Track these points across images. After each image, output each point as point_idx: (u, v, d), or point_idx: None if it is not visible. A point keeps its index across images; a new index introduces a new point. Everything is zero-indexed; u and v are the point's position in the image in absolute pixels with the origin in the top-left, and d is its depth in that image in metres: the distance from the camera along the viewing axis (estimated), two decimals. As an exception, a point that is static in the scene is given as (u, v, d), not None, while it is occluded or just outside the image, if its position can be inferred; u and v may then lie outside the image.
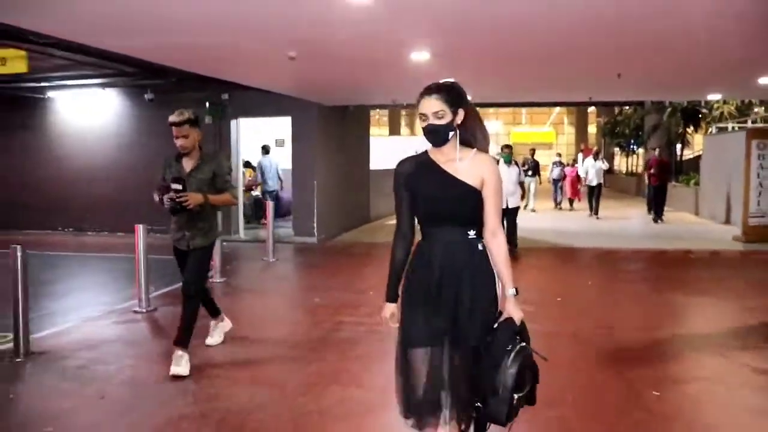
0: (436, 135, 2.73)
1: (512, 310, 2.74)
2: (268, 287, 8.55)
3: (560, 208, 19.73)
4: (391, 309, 2.88)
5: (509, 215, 10.17)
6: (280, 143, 15.67)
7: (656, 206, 15.71)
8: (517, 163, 10.72)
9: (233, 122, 12.18)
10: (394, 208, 2.87)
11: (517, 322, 2.71)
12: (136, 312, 6.60)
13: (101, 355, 5.30)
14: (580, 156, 22.27)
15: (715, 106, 20.35)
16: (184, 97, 11.32)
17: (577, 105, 32.96)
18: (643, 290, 8.02)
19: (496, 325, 2.72)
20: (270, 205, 10.33)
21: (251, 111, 12.08)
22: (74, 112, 13.03)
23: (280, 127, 13.74)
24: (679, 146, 24.62)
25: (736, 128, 16.69)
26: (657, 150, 17.62)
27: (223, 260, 8.57)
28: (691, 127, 23.67)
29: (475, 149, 2.79)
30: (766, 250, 10.83)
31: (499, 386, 2.60)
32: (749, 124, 15.93)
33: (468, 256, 2.74)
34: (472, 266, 2.74)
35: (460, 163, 2.75)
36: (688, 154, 26.05)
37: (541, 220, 16.24)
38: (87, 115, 12.91)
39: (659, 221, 15.46)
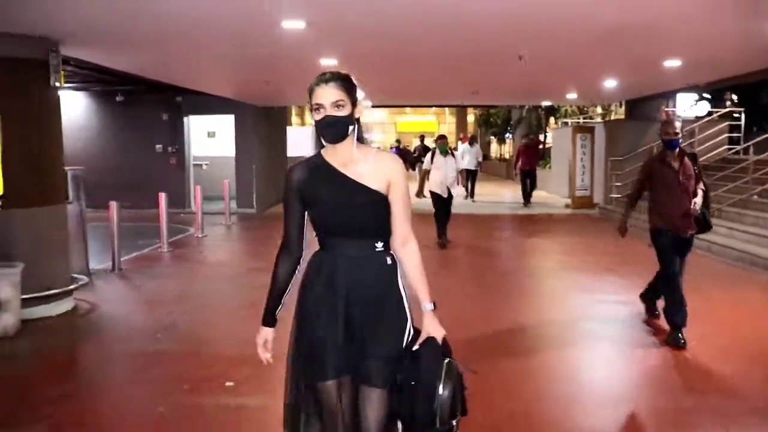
0: (335, 129, 2.39)
1: (432, 327, 2.50)
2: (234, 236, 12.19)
3: None
4: (267, 335, 2.56)
5: (447, 205, 10.48)
6: (211, 135, 18.94)
7: (525, 190, 17.30)
8: (452, 153, 10.72)
9: (185, 119, 15.48)
10: (283, 219, 2.55)
11: (439, 340, 2.48)
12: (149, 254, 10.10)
13: (157, 269, 8.82)
14: (460, 144, 25.15)
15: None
16: (146, 98, 14.53)
17: (457, 107, 37.70)
18: (503, 234, 12.37)
19: (416, 347, 2.47)
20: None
21: (200, 110, 15.41)
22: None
23: (214, 121, 17.24)
24: (541, 137, 29.86)
25: (570, 123, 21.71)
26: (527, 138, 19.60)
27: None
28: (552, 120, 28.92)
29: (375, 148, 2.58)
30: (585, 213, 15.63)
31: (437, 419, 2.37)
32: (575, 120, 20.95)
33: (375, 273, 2.47)
34: (380, 285, 2.47)
35: (361, 165, 2.45)
36: (549, 143, 31.46)
37: (424, 203, 20.36)
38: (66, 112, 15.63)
39: (527, 204, 17.02)
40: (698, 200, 5.50)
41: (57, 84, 6.49)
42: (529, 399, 4.46)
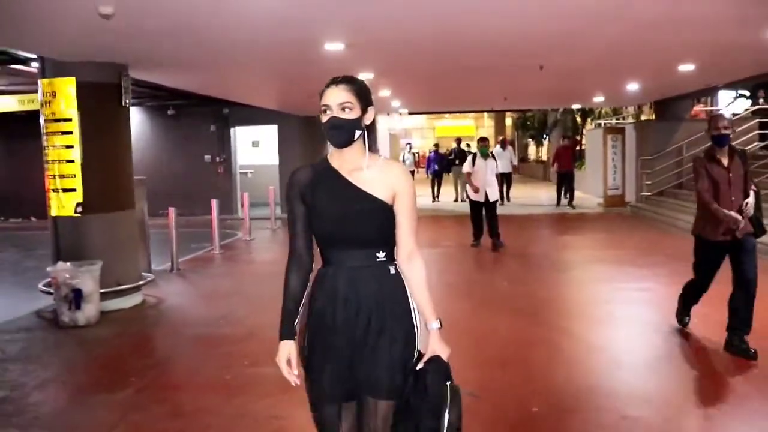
0: (341, 131, 2.29)
1: (438, 346, 2.35)
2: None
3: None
4: (289, 349, 2.36)
5: (490, 209, 10.49)
6: (255, 144, 19.99)
7: (566, 192, 17.27)
8: (493, 156, 10.82)
9: (232, 130, 16.51)
10: (288, 226, 2.45)
11: (445, 359, 2.34)
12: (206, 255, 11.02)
13: (211, 269, 9.72)
14: (498, 147, 26.38)
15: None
16: (195, 111, 15.60)
17: (490, 111, 38.16)
18: (536, 232, 13.02)
19: (420, 366, 2.32)
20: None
21: (246, 121, 16.42)
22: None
23: (258, 132, 18.28)
24: (577, 138, 30.25)
25: (603, 124, 22.15)
26: (565, 140, 19.57)
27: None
28: (588, 122, 29.31)
29: (383, 156, 2.42)
30: (617, 211, 16.13)
31: None
32: (608, 121, 21.36)
33: (378, 284, 2.32)
34: (383, 295, 2.32)
35: (367, 173, 2.33)
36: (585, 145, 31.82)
37: (462, 206, 20.70)
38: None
39: (571, 206, 16.93)
40: (750, 200, 5.07)
41: (127, 103, 7.44)
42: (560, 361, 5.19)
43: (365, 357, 2.30)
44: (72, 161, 7.03)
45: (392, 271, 2.39)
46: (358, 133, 2.33)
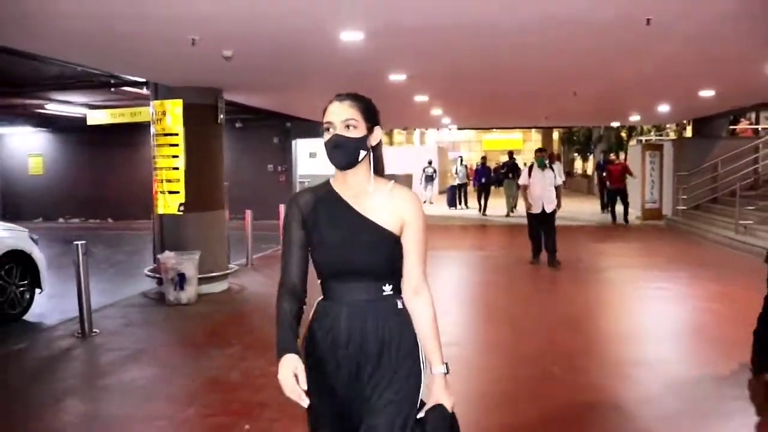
0: (344, 151, 2.11)
1: (442, 394, 2.15)
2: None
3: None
4: (294, 363, 2.08)
5: (547, 222, 10.20)
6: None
7: (618, 207, 17.46)
8: (552, 167, 10.30)
9: (293, 142, 18.11)
10: (281, 253, 2.26)
11: (449, 409, 2.16)
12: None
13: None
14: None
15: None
16: (261, 125, 17.22)
17: (533, 128, 39.02)
18: (587, 240, 14.16)
19: (421, 415, 2.14)
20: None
21: (307, 134, 17.97)
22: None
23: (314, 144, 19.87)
24: (622, 154, 31.10)
25: (643, 141, 23.06)
26: (613, 156, 20.19)
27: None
28: (632, 138, 30.18)
29: (392, 181, 2.24)
30: (653, 224, 17.17)
31: None
32: (648, 138, 22.26)
33: (383, 321, 2.14)
34: (389, 334, 2.13)
35: (373, 199, 2.17)
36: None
37: (514, 219, 19.00)
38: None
39: (625, 222, 17.19)
40: None
41: (221, 120, 8.97)
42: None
43: (365, 404, 2.13)
44: (177, 168, 8.57)
45: (399, 305, 2.20)
46: (363, 153, 2.15)
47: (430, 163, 25.58)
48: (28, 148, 20.48)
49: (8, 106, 14.65)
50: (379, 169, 2.25)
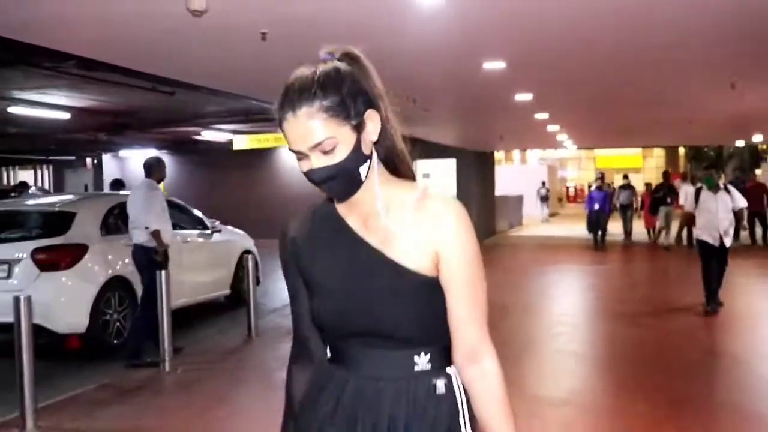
0: (334, 184, 1.43)
1: None
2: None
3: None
4: None
5: (720, 255, 8.17)
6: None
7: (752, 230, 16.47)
8: (728, 188, 8.43)
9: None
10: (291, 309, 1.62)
11: None
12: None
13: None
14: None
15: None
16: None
17: (662, 147, 37.69)
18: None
19: None
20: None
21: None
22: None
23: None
24: (759, 171, 29.93)
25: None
26: (742, 173, 20.05)
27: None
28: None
29: (421, 187, 1.51)
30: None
31: None
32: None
33: (419, 410, 1.44)
34: (427, 429, 1.44)
35: (392, 220, 1.47)
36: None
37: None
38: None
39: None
40: None
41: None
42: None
43: None
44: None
45: (440, 389, 1.47)
46: (364, 171, 1.44)
47: (543, 183, 25.97)
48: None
49: (170, 134, 16.42)
50: (397, 167, 1.52)
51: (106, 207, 7.48)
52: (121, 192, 9.18)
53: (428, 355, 1.47)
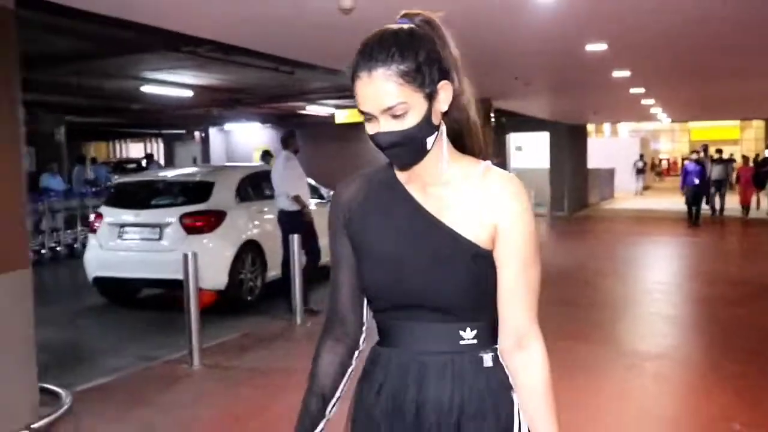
0: (401, 152, 1.42)
1: None
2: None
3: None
4: None
5: None
6: (518, 149, 22.75)
7: None
8: None
9: (507, 136, 19.52)
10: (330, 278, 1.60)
11: None
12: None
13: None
14: None
15: None
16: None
17: (762, 119, 35.36)
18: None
19: None
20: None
21: (520, 128, 19.26)
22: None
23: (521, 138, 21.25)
24: None
25: None
26: None
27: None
28: None
29: (485, 162, 1.50)
30: None
31: None
32: None
33: (460, 385, 1.44)
34: (470, 407, 1.44)
35: (452, 190, 1.47)
36: None
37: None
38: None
39: None
40: None
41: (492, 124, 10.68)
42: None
43: None
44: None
45: (488, 362, 1.47)
46: (431, 141, 1.42)
47: (641, 156, 25.84)
48: (254, 142, 23.03)
49: (275, 108, 17.51)
50: (464, 141, 1.52)
51: (239, 177, 8.37)
52: (253, 163, 9.99)
53: (474, 331, 1.46)
